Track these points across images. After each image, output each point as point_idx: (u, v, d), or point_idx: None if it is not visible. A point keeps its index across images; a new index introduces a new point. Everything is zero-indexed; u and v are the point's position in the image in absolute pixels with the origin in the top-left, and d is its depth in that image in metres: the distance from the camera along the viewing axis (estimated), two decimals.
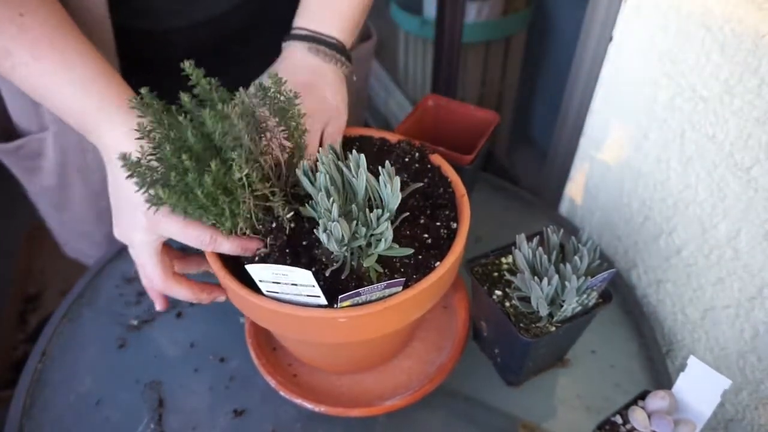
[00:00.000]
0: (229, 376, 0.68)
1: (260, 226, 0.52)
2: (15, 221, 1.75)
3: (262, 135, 0.51)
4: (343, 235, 0.46)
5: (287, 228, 0.52)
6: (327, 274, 0.50)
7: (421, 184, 0.57)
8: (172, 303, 0.76)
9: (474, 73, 1.64)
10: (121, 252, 0.83)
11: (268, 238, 0.52)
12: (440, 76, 1.22)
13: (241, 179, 0.47)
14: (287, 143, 0.53)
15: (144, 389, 0.67)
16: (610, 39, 0.76)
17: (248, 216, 0.50)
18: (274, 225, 0.52)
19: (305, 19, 0.66)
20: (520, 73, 1.72)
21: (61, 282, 1.62)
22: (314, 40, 0.64)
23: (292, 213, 0.51)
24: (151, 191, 0.47)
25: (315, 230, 0.48)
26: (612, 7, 0.75)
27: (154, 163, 0.47)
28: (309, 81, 0.62)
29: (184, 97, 0.49)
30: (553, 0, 1.57)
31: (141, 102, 0.48)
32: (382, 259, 0.51)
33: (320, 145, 0.61)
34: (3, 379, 1.39)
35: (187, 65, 0.48)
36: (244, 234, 0.52)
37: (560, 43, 1.58)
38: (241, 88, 0.50)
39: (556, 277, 0.54)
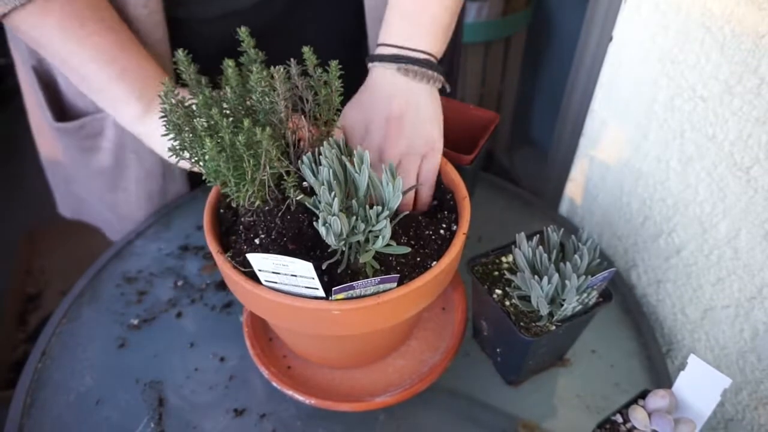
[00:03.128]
0: (229, 376, 0.68)
1: (271, 199, 0.53)
2: (15, 221, 1.75)
3: (297, 111, 0.52)
4: (341, 230, 0.46)
5: (292, 207, 0.53)
6: (324, 267, 0.50)
7: (421, 185, 0.57)
8: (172, 302, 0.76)
9: (474, 73, 1.64)
10: (121, 251, 0.83)
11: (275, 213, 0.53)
12: None
13: (262, 144, 0.48)
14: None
15: (144, 389, 0.67)
16: (610, 39, 0.76)
17: (261, 187, 0.51)
18: (280, 201, 0.53)
19: (389, 34, 0.61)
20: (520, 73, 1.72)
21: (61, 282, 1.63)
22: (401, 59, 0.59)
23: (301, 196, 0.52)
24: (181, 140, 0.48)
25: (315, 223, 0.48)
26: (612, 7, 0.75)
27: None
28: (402, 110, 0.58)
29: (228, 62, 0.50)
30: (553, 0, 1.58)
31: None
32: (380, 257, 0.51)
33: (417, 181, 0.58)
34: (3, 379, 1.39)
35: (243, 30, 0.50)
36: (253, 203, 0.53)
37: (560, 43, 1.58)
38: (293, 60, 0.50)
39: (556, 276, 0.55)
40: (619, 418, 0.53)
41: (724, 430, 0.74)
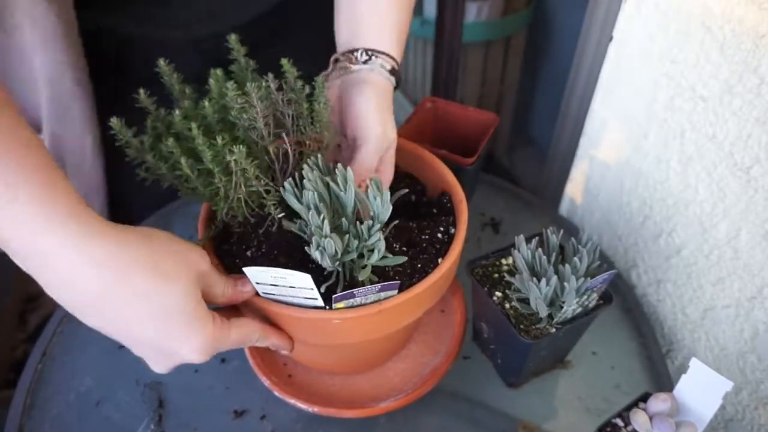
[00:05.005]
0: (230, 377, 0.68)
1: (252, 217, 0.52)
2: None
3: (281, 129, 0.51)
4: (336, 250, 0.46)
5: (275, 226, 0.52)
6: (322, 291, 0.49)
7: (406, 191, 0.55)
8: None
9: (474, 73, 1.64)
10: None
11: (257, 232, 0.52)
12: (440, 76, 1.22)
13: (238, 162, 0.46)
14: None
15: (144, 389, 0.67)
16: (610, 39, 0.76)
17: (239, 204, 0.50)
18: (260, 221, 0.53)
19: (359, 37, 0.60)
20: (520, 73, 1.72)
21: None
22: (376, 61, 0.59)
23: (282, 215, 0.51)
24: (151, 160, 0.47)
25: (307, 248, 0.47)
26: (612, 7, 0.75)
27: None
28: (384, 105, 0.57)
29: (215, 71, 0.49)
30: (553, 0, 1.57)
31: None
32: (377, 269, 0.51)
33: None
34: (3, 379, 1.39)
35: (233, 38, 0.50)
36: (235, 218, 0.52)
37: (560, 43, 1.58)
38: (270, 75, 0.49)
39: (555, 278, 0.54)
40: (620, 421, 0.53)
41: (724, 430, 0.74)
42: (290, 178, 0.50)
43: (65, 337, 0.73)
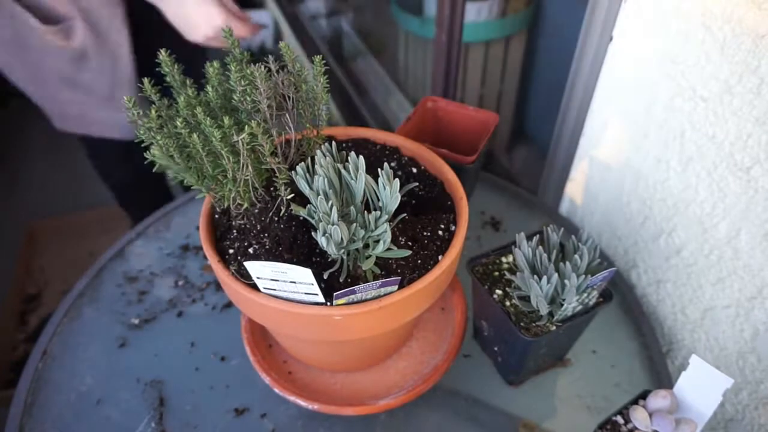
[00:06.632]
0: (230, 375, 0.68)
1: (257, 201, 0.52)
2: (15, 220, 1.75)
3: (282, 111, 0.51)
4: (342, 238, 0.46)
5: (283, 212, 0.52)
6: (325, 277, 0.50)
7: (416, 184, 0.57)
8: (172, 302, 0.76)
9: (474, 73, 1.64)
10: (122, 251, 0.83)
11: (263, 217, 0.52)
12: (440, 76, 1.22)
13: (250, 142, 0.46)
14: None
15: (145, 388, 0.67)
16: (610, 39, 0.77)
17: (246, 187, 0.50)
18: (269, 203, 0.52)
19: None
20: (520, 73, 1.72)
21: (61, 281, 1.63)
22: None
23: (291, 195, 0.51)
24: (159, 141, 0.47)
25: (313, 233, 0.48)
26: (612, 7, 0.75)
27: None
28: None
29: (209, 68, 0.50)
30: (553, 0, 1.58)
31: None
32: (379, 261, 0.51)
33: None
34: (3, 378, 1.39)
35: (226, 29, 0.51)
36: (240, 205, 0.52)
37: (560, 43, 1.58)
38: (271, 57, 0.50)
39: (556, 275, 0.55)
40: (620, 419, 0.53)
41: (724, 430, 0.74)
42: (302, 163, 0.50)
43: (65, 337, 0.73)
